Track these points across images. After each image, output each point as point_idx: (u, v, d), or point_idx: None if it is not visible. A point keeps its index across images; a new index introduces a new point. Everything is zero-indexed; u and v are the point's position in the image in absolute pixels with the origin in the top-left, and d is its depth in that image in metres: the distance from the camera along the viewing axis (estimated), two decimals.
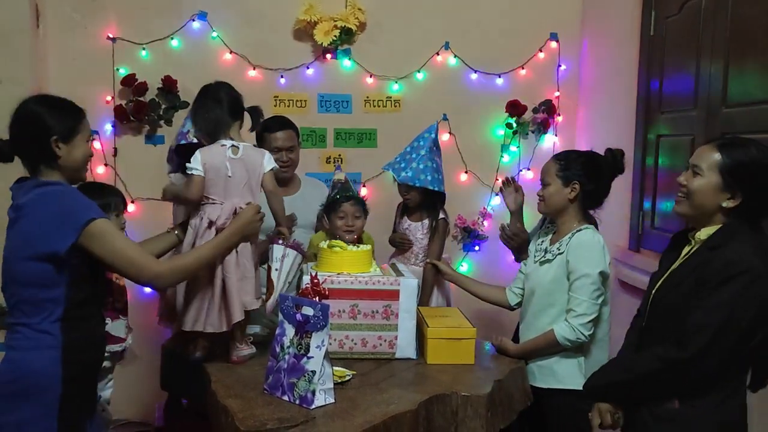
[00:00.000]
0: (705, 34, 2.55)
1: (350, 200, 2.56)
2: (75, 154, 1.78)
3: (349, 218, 2.54)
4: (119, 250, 1.73)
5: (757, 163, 1.62)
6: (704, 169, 1.66)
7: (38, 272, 1.70)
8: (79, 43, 3.28)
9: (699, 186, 1.67)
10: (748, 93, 2.31)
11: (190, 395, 2.45)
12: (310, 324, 1.80)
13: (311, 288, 1.89)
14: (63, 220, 1.69)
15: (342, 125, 3.53)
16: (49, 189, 1.73)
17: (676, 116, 2.78)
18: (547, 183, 2.24)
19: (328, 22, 3.37)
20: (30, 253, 1.69)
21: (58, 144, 1.75)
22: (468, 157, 3.58)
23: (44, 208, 1.70)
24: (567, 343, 2.14)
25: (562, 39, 3.61)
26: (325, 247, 2.27)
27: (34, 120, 1.76)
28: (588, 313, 2.12)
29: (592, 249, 2.14)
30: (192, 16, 3.35)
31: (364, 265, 2.24)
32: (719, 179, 1.64)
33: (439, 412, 1.89)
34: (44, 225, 1.69)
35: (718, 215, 1.67)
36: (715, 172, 1.64)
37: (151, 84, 3.31)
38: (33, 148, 1.77)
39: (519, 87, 3.60)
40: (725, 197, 1.64)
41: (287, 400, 1.80)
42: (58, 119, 1.77)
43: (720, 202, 1.65)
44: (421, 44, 3.53)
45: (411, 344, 2.18)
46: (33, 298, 1.71)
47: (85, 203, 1.74)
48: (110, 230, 1.74)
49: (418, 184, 2.72)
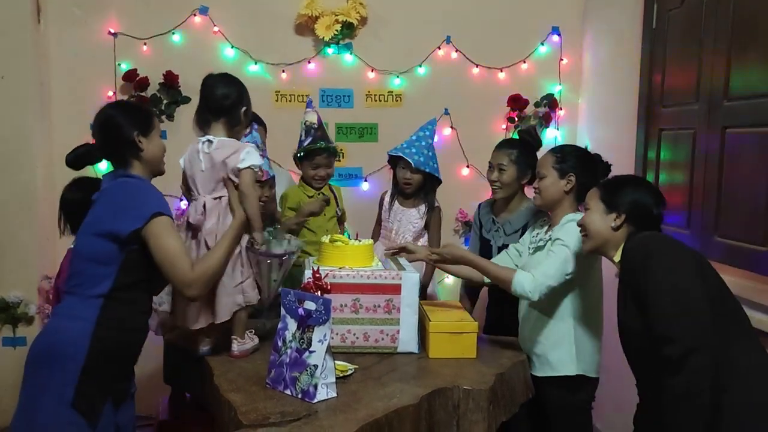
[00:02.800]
0: (707, 27, 2.54)
1: (324, 152, 2.67)
2: (154, 147, 1.96)
3: (322, 169, 2.71)
4: (167, 249, 1.83)
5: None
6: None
7: (98, 248, 1.83)
8: (81, 38, 3.29)
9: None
10: (750, 86, 2.30)
11: (193, 389, 2.46)
12: (312, 318, 1.80)
13: (313, 282, 1.89)
14: (135, 206, 1.83)
15: (343, 120, 3.53)
16: (131, 180, 1.91)
17: (678, 109, 2.77)
18: (543, 175, 2.26)
19: (329, 16, 3.36)
20: (98, 229, 1.84)
21: (140, 138, 1.92)
22: (469, 151, 3.58)
23: (122, 193, 1.88)
24: (517, 290, 2.12)
25: (563, 32, 3.59)
26: (326, 242, 2.28)
27: (116, 121, 1.93)
28: (554, 278, 2.10)
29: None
30: (193, 11, 3.35)
31: (366, 260, 2.24)
32: (602, 205, 1.90)
33: (441, 405, 1.89)
34: (117, 206, 1.85)
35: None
36: (596, 201, 1.92)
37: (153, 79, 3.31)
38: (119, 146, 1.93)
39: (521, 81, 3.59)
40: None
41: (289, 394, 1.81)
42: (136, 117, 1.96)
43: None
44: (423, 38, 3.52)
45: (413, 338, 2.18)
46: (87, 271, 1.85)
47: (159, 199, 1.88)
48: (169, 229, 1.85)
49: (428, 170, 2.83)
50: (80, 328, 1.81)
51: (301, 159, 2.74)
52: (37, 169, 3.15)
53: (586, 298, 2.20)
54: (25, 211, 3.12)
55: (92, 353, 1.79)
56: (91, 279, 1.84)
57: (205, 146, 2.05)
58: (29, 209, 3.13)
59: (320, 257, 2.26)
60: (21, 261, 3.13)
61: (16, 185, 3.10)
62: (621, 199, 1.86)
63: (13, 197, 3.10)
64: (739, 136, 2.36)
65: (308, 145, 2.69)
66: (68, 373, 1.78)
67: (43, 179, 3.19)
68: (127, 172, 1.93)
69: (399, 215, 2.91)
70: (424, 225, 2.91)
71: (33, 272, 3.15)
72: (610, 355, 2.27)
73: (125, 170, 1.93)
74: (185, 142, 2.43)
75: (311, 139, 2.67)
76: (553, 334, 2.21)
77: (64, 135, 3.30)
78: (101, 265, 1.84)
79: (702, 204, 2.54)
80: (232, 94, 2.09)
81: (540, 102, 3.59)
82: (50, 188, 3.20)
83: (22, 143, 3.11)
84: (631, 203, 1.85)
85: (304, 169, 2.75)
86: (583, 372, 2.19)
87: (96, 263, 1.84)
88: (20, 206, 3.11)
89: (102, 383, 1.83)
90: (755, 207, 2.24)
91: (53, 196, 3.19)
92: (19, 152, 3.10)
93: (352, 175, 3.57)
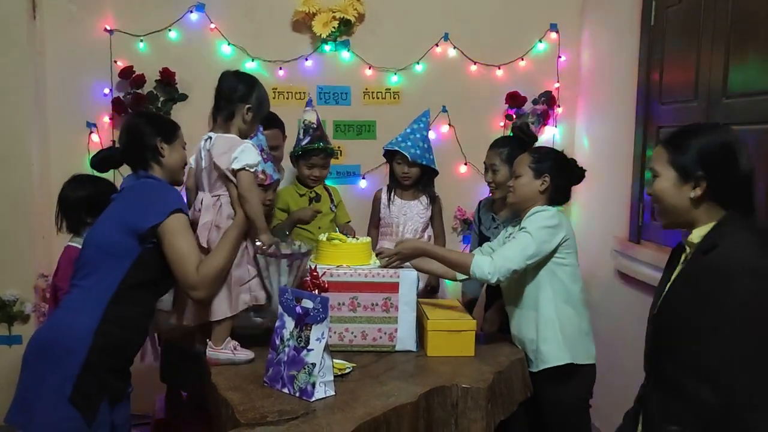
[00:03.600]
0: (706, 24, 2.53)
1: (321, 153, 2.69)
2: (175, 156, 2.04)
3: (317, 169, 2.73)
4: (179, 249, 1.87)
5: (703, 143, 1.49)
6: (659, 169, 1.55)
7: (114, 241, 1.87)
8: (76, 35, 3.27)
9: (660, 187, 1.54)
10: (749, 83, 2.29)
11: (190, 388, 2.46)
12: (309, 316, 1.79)
13: (311, 281, 1.88)
14: (156, 202, 1.89)
15: (341, 117, 3.51)
16: (152, 180, 1.99)
17: (676, 107, 2.76)
18: (519, 174, 2.28)
19: (326, 13, 3.35)
20: (116, 221, 1.90)
21: (162, 144, 2.00)
22: (467, 148, 3.57)
23: (143, 190, 1.95)
24: (476, 272, 2.11)
25: (561, 30, 3.59)
26: (324, 240, 2.26)
27: (141, 128, 2.02)
28: (514, 262, 2.11)
29: (544, 217, 2.18)
30: (190, 8, 3.33)
31: (363, 258, 2.24)
32: (674, 173, 1.52)
33: (439, 404, 1.89)
34: (138, 202, 1.92)
35: (699, 212, 1.51)
36: (667, 168, 1.53)
37: (149, 76, 3.30)
38: (142, 151, 2.00)
39: (519, 78, 3.58)
40: (689, 189, 1.50)
41: (287, 392, 1.80)
42: (161, 125, 2.06)
43: (688, 196, 1.50)
44: (420, 36, 3.51)
45: (411, 337, 2.17)
46: (99, 263, 1.88)
47: (180, 198, 1.97)
48: (185, 228, 1.90)
49: (425, 162, 2.84)
50: (85, 323, 1.82)
51: (298, 157, 2.74)
52: (33, 166, 3.13)
53: (564, 284, 2.21)
54: (20, 208, 3.10)
55: (94, 349, 1.80)
56: (101, 271, 1.86)
57: (207, 143, 2.05)
58: (25, 207, 3.11)
59: (317, 255, 2.25)
60: (17, 259, 3.11)
61: (12, 183, 3.09)
62: (696, 168, 1.47)
63: (9, 195, 3.08)
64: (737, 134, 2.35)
65: (306, 144, 2.69)
66: (68, 367, 1.78)
67: (39, 176, 3.17)
68: (148, 173, 2.00)
69: (404, 209, 2.92)
70: (431, 218, 2.94)
71: (29, 270, 3.13)
72: (610, 355, 2.27)
73: (146, 172, 2.00)
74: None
75: (309, 139, 2.67)
76: (541, 326, 2.21)
77: (59, 132, 3.29)
78: (114, 257, 1.87)
79: None
80: (236, 89, 2.06)
81: (538, 99, 3.58)
82: (46, 186, 3.19)
83: (18, 140, 3.09)
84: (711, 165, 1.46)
85: (300, 167, 2.76)
86: (572, 360, 2.18)
87: (109, 255, 1.87)
88: (16, 204, 3.09)
89: (100, 381, 1.83)
90: None
91: (49, 194, 3.18)
92: (14, 149, 3.08)
93: (350, 172, 3.55)
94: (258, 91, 2.09)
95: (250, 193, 1.96)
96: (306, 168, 2.72)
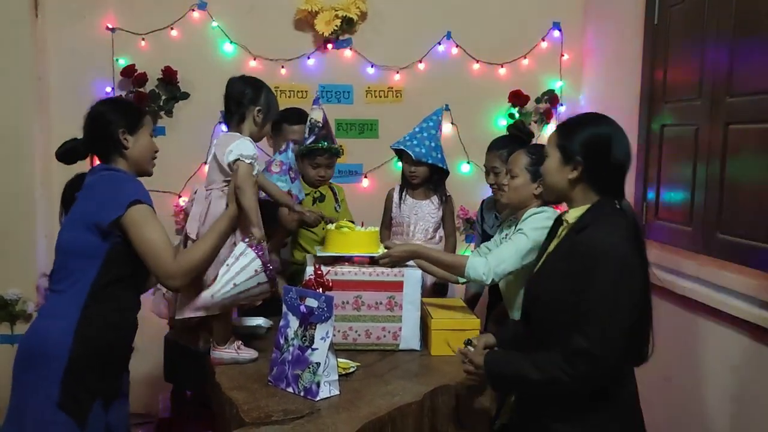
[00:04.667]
0: (709, 22, 2.53)
1: (326, 153, 2.66)
2: (140, 147, 1.95)
3: (322, 169, 2.69)
4: (148, 240, 1.81)
5: (586, 132, 1.65)
6: (548, 150, 1.72)
7: (82, 241, 1.82)
8: (78, 33, 3.27)
9: (547, 166, 1.71)
10: (753, 82, 2.29)
11: (194, 386, 2.45)
12: (314, 316, 1.79)
13: (315, 280, 1.88)
14: (115, 195, 1.82)
15: (343, 116, 3.51)
16: (112, 172, 1.91)
17: (680, 106, 2.76)
18: (516, 174, 2.23)
19: (329, 11, 3.34)
20: (80, 222, 1.84)
21: (125, 135, 1.92)
22: (470, 147, 3.56)
23: (102, 185, 1.87)
24: (470, 273, 2.11)
25: (564, 28, 3.58)
26: (332, 228, 2.26)
27: (103, 116, 1.93)
28: (509, 262, 2.10)
29: (541, 218, 2.14)
30: (192, 6, 3.33)
31: (372, 246, 2.22)
32: (559, 155, 1.67)
33: (443, 403, 1.89)
34: (98, 198, 1.84)
35: (576, 192, 1.66)
36: (555, 149, 1.69)
37: (151, 75, 3.29)
38: (104, 142, 1.93)
39: (521, 77, 3.57)
40: (569, 170, 1.65)
41: (292, 392, 1.80)
42: (124, 114, 1.95)
43: (567, 176, 1.66)
44: (423, 34, 3.50)
45: (415, 335, 2.17)
46: (70, 266, 1.84)
47: (138, 188, 1.87)
48: (149, 219, 1.83)
49: (430, 161, 2.81)
50: (62, 327, 1.78)
51: (303, 157, 2.72)
52: (35, 164, 3.13)
53: None
54: (22, 207, 3.10)
55: (75, 352, 1.77)
56: (74, 274, 1.82)
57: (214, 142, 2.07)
58: (27, 206, 3.11)
59: (326, 244, 2.25)
60: (19, 258, 3.11)
61: (14, 181, 3.08)
62: (574, 150, 1.64)
63: (11, 193, 3.08)
64: (741, 133, 2.35)
65: (310, 143, 2.66)
66: (53, 372, 1.76)
67: (41, 175, 3.17)
68: (108, 166, 1.93)
69: (415, 209, 2.90)
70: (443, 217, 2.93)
71: (31, 269, 3.13)
72: None
73: (108, 165, 1.93)
74: (184, 138, 2.45)
75: (314, 138, 2.64)
76: None
77: (62, 131, 3.26)
78: (83, 258, 1.82)
79: (704, 200, 2.53)
80: (244, 93, 2.08)
81: (541, 98, 3.58)
82: (48, 184, 3.18)
83: (20, 139, 3.09)
84: (588, 150, 1.63)
85: (305, 167, 2.72)
86: None
87: (77, 256, 1.83)
88: (18, 203, 3.09)
89: (89, 382, 1.80)
90: (758, 204, 2.23)
91: (51, 193, 3.18)
92: (16, 148, 3.08)
93: (352, 171, 3.55)
94: (266, 93, 2.12)
95: (245, 184, 1.95)
96: (311, 168, 2.69)
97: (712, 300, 2.32)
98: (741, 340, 2.20)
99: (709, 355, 2.37)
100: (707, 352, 2.38)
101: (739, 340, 2.21)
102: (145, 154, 1.97)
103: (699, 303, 2.38)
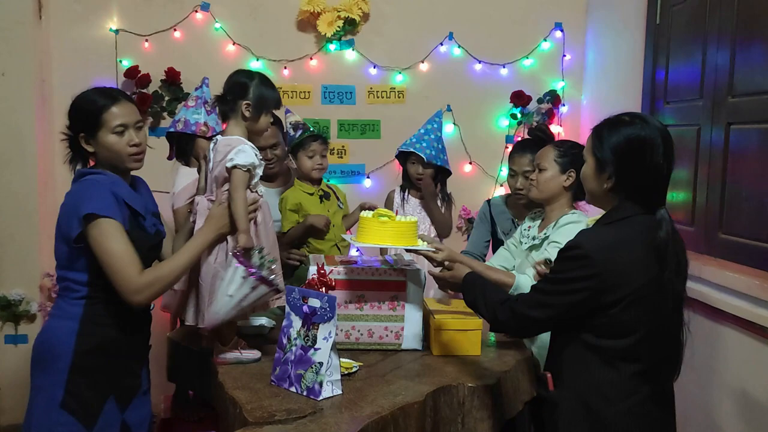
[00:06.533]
0: (711, 23, 2.53)
1: (317, 139, 2.67)
2: (104, 148, 1.83)
3: (318, 156, 2.66)
4: (107, 254, 1.73)
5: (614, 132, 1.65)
6: (585, 154, 1.73)
7: (64, 254, 1.81)
8: (82, 34, 3.28)
9: (584, 172, 1.71)
10: (755, 82, 2.29)
11: (197, 387, 2.46)
12: (317, 315, 1.79)
13: (318, 279, 1.88)
14: (76, 209, 1.76)
15: (346, 116, 3.52)
16: (87, 178, 1.82)
17: (681, 106, 2.76)
18: (544, 168, 2.23)
19: (331, 12, 3.35)
20: (58, 235, 1.82)
21: (85, 142, 1.84)
22: (472, 148, 3.57)
23: (70, 197, 1.81)
24: (517, 290, 2.09)
25: (566, 28, 3.58)
26: (369, 216, 2.11)
27: (69, 118, 1.87)
28: None
29: (577, 229, 2.12)
30: (195, 8, 3.34)
31: (410, 239, 2.09)
32: (593, 161, 1.67)
33: (445, 403, 1.89)
34: (64, 210, 1.80)
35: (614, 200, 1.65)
36: (589, 155, 1.69)
37: (154, 76, 3.31)
38: (72, 148, 1.88)
39: (523, 77, 3.58)
40: (605, 179, 1.63)
41: (294, 391, 1.80)
42: (77, 119, 1.85)
43: (603, 186, 1.64)
44: (425, 34, 3.51)
45: (417, 335, 2.17)
46: (64, 277, 1.83)
47: (98, 199, 1.74)
48: (108, 231, 1.73)
49: (439, 163, 2.84)
50: (67, 326, 1.79)
51: (296, 151, 2.70)
52: (38, 166, 3.14)
53: None
54: (26, 208, 3.11)
55: (78, 352, 1.77)
56: (69, 277, 1.82)
57: (213, 146, 2.00)
58: (30, 206, 3.12)
59: (359, 232, 2.12)
60: (22, 258, 3.12)
61: (17, 182, 3.10)
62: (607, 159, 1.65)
63: (14, 194, 3.09)
64: (743, 133, 2.35)
65: (300, 135, 2.68)
66: (57, 372, 1.76)
67: (44, 176, 3.18)
68: (86, 170, 1.87)
69: (417, 209, 2.91)
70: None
71: (34, 270, 3.14)
72: None
73: (86, 169, 1.87)
74: None
75: (301, 131, 2.68)
76: None
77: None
78: (70, 270, 1.81)
79: (706, 201, 2.53)
80: (232, 87, 2.00)
81: (542, 98, 3.58)
82: (51, 185, 3.20)
83: (23, 140, 3.10)
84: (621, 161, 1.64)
85: (302, 161, 2.68)
86: None
87: (67, 268, 1.81)
88: (21, 203, 3.10)
89: (96, 381, 1.79)
90: (760, 204, 2.24)
91: (54, 193, 3.20)
92: (20, 149, 3.09)
93: (354, 172, 3.56)
94: (256, 85, 2.00)
95: (236, 192, 1.90)
96: (307, 158, 2.66)
97: (714, 300, 2.32)
98: (743, 339, 2.20)
99: (711, 355, 2.38)
100: (709, 352, 2.39)
101: (741, 340, 2.21)
102: (114, 153, 1.82)
103: (701, 303, 2.39)
